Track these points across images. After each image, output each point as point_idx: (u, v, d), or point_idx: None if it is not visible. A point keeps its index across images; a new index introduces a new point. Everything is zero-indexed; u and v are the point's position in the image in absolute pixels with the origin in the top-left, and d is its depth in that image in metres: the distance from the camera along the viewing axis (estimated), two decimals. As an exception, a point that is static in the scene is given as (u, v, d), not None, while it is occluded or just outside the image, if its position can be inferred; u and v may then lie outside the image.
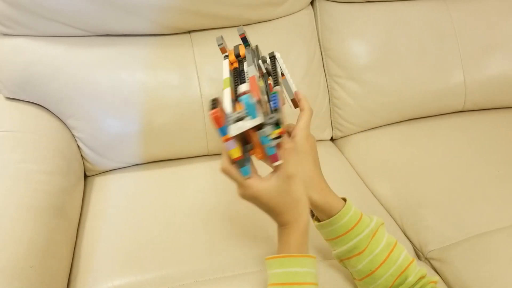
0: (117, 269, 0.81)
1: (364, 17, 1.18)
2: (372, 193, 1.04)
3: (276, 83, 0.72)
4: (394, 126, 1.23)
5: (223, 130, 0.58)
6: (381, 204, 1.01)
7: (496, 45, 1.22)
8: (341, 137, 1.24)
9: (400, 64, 1.18)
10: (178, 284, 0.79)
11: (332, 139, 1.25)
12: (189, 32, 1.09)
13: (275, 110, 0.62)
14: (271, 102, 0.64)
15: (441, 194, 0.98)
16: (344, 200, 0.71)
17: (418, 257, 0.92)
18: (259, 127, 0.59)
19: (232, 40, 1.10)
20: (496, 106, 1.28)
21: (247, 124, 0.58)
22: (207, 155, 1.11)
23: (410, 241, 0.93)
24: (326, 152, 1.15)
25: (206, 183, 1.01)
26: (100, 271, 0.81)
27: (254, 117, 0.58)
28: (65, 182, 0.92)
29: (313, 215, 0.75)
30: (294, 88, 0.73)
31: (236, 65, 0.74)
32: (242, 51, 0.74)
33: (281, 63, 0.76)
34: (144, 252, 0.84)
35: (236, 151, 0.60)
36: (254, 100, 0.57)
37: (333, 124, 1.22)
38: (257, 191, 0.63)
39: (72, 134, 1.03)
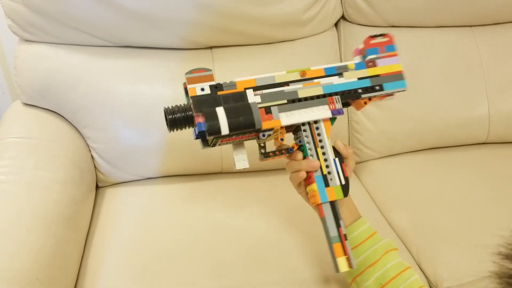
0: (123, 286, 0.79)
1: (389, 42, 1.16)
2: (388, 223, 1.01)
3: None
4: (414, 154, 1.20)
5: None
6: (397, 235, 0.97)
7: (523, 77, 1.19)
8: (358, 162, 1.21)
9: (423, 91, 1.15)
10: (184, 306, 0.77)
11: (349, 164, 1.22)
12: (211, 47, 1.09)
13: None
14: None
15: (461, 229, 0.94)
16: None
17: (433, 293, 0.88)
18: None
19: (250, 56, 1.08)
20: (521, 140, 1.24)
21: None
22: (221, 172, 1.09)
23: (426, 276, 0.90)
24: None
25: (219, 201, 0.99)
26: (106, 286, 0.80)
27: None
28: (77, 193, 0.91)
29: None
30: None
31: None
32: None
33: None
34: (152, 269, 0.82)
35: None
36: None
37: (351, 149, 1.19)
38: None
39: (87, 144, 1.03)
